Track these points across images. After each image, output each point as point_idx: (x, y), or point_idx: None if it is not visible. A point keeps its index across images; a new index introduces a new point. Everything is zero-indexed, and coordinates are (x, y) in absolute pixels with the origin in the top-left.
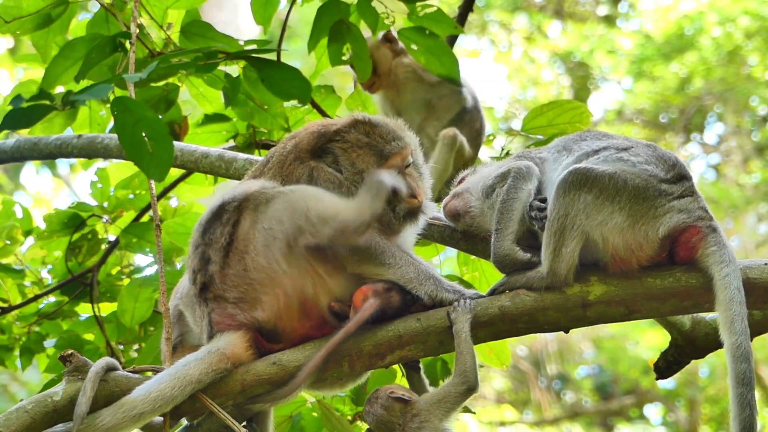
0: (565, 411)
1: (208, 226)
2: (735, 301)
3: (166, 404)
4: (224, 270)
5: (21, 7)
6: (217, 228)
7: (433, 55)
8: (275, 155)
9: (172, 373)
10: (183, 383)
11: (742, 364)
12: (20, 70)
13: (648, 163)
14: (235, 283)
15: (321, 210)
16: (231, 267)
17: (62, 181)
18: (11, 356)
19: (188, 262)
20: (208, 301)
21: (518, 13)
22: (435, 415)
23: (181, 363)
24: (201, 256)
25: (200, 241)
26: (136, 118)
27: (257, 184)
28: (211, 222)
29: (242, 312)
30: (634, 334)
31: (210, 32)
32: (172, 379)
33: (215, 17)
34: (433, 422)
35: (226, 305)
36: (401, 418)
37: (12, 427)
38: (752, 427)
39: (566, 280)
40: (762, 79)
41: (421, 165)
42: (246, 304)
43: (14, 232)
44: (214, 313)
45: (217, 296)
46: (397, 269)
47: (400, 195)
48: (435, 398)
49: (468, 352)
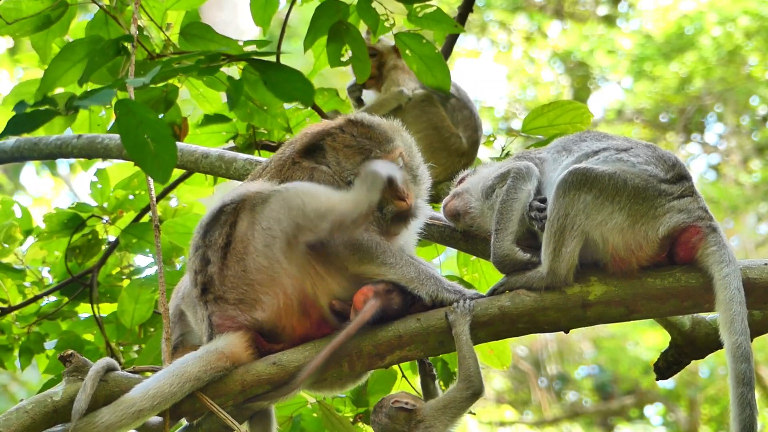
0: (565, 411)
1: (208, 228)
2: (735, 301)
3: (165, 401)
4: (223, 271)
5: (20, 9)
6: (216, 229)
7: (426, 65)
8: (274, 159)
9: (170, 371)
10: (181, 380)
11: (743, 364)
12: (20, 71)
13: (648, 164)
14: (235, 284)
15: (317, 205)
16: (230, 268)
17: (62, 181)
18: (11, 356)
19: (189, 263)
20: (208, 303)
21: (518, 13)
22: (440, 421)
23: (179, 361)
24: (201, 257)
25: (200, 243)
26: (139, 120)
27: (255, 186)
28: (211, 224)
29: (242, 313)
30: (634, 334)
31: (210, 33)
32: (170, 377)
33: (215, 17)
34: (438, 428)
35: (227, 307)
36: (406, 425)
37: (12, 427)
38: (752, 427)
39: (566, 280)
40: (762, 78)
41: (416, 167)
42: (246, 305)
43: (13, 231)
44: (214, 316)
45: (218, 298)
46: (398, 269)
47: (395, 186)
48: (440, 404)
49: (470, 355)
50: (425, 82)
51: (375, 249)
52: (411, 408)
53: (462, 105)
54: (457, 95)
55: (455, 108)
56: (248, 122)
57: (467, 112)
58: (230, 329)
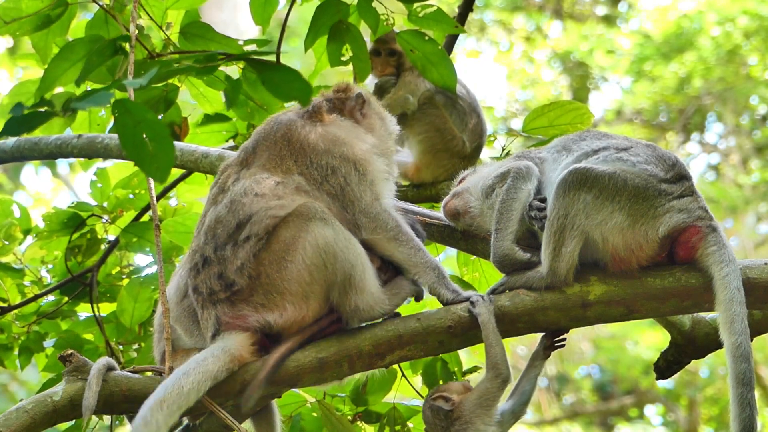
0: (565, 411)
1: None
2: (735, 300)
3: (196, 395)
4: (253, 272)
5: (20, 8)
6: (248, 229)
7: (431, 63)
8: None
9: (195, 369)
10: (205, 377)
11: (742, 364)
12: (20, 70)
13: (648, 163)
14: (266, 287)
15: (358, 281)
16: (264, 271)
17: (62, 181)
18: (10, 356)
19: (192, 258)
20: (218, 303)
21: (518, 13)
22: (476, 415)
23: (199, 358)
24: (213, 255)
25: (226, 239)
26: (137, 119)
27: (302, 198)
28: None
29: (257, 314)
30: (634, 334)
31: (209, 33)
32: (196, 374)
33: (215, 17)
34: (476, 424)
35: (242, 306)
36: (444, 421)
37: (12, 426)
38: (752, 427)
39: (566, 280)
40: (761, 78)
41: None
42: (265, 308)
43: (13, 230)
44: (223, 315)
45: (233, 296)
46: (407, 249)
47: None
48: (475, 398)
49: (497, 343)
50: (430, 80)
51: (392, 223)
52: (448, 409)
53: (471, 109)
54: (468, 99)
55: (464, 112)
56: (248, 121)
57: (475, 117)
58: (238, 329)
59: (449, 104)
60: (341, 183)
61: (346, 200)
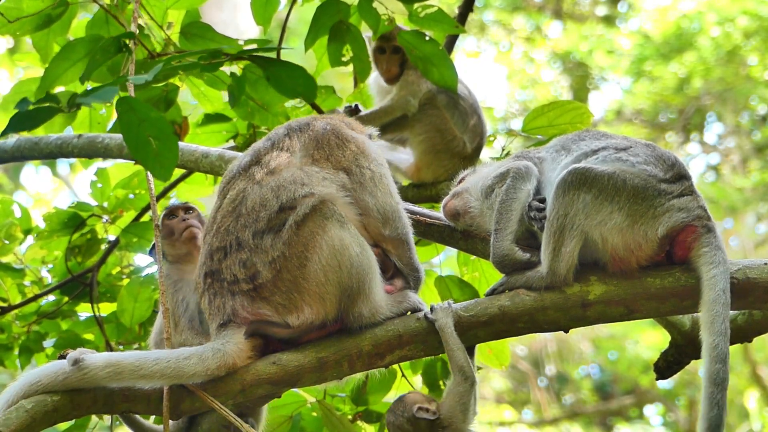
0: (565, 411)
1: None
2: (719, 302)
3: (159, 382)
4: (279, 270)
5: (21, 8)
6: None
7: (432, 64)
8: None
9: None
10: (177, 374)
11: (717, 365)
12: (20, 70)
13: (647, 163)
14: (288, 287)
15: (369, 287)
16: (287, 269)
17: (62, 181)
18: (11, 355)
19: (221, 237)
20: (237, 294)
21: (517, 13)
22: (460, 420)
23: (183, 354)
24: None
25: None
26: (141, 118)
27: (330, 186)
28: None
29: (277, 315)
30: (634, 333)
31: (210, 33)
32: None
33: (215, 17)
34: (460, 427)
35: (262, 304)
36: (430, 431)
37: (12, 426)
38: (719, 427)
39: (566, 280)
40: (761, 78)
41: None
42: (285, 309)
43: (13, 230)
44: (241, 308)
45: (253, 290)
46: (410, 252)
47: None
48: (452, 403)
49: (457, 347)
50: (431, 80)
51: (407, 228)
52: (433, 419)
53: (473, 111)
54: (470, 99)
55: (466, 113)
56: (249, 121)
57: (476, 118)
58: (247, 327)
59: (451, 104)
60: (376, 180)
61: (378, 202)
